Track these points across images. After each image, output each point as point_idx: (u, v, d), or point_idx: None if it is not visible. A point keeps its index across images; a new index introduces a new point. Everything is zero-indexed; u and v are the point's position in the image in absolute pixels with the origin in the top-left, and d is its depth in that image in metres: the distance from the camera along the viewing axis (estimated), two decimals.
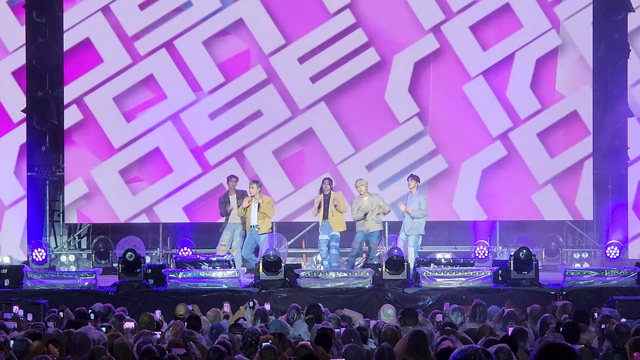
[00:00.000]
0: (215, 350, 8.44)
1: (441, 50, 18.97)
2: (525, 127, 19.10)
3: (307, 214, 18.62)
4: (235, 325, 10.86)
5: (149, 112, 19.08)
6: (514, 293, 15.19)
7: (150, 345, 8.52)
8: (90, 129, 19.05)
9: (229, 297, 15.08)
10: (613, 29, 19.21)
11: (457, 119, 19.14)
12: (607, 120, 19.36)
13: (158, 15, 19.01)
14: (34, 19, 19.12)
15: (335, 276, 15.54)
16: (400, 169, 18.90)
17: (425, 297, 15.27)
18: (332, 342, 9.21)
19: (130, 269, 15.57)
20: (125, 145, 19.06)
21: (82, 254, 19.66)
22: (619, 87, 19.45)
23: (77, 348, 8.56)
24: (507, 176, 19.11)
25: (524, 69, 19.11)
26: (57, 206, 19.83)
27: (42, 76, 19.37)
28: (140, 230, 19.08)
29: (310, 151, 19.06)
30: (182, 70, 19.04)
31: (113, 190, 19.04)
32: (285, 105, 19.04)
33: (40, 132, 19.47)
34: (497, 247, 19.33)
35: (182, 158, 19.06)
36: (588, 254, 19.34)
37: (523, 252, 15.71)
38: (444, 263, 16.13)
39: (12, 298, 14.83)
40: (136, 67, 19.05)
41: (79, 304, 14.08)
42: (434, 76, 19.03)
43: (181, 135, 19.08)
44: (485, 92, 19.10)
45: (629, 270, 15.81)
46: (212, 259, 16.50)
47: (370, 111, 19.08)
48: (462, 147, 19.11)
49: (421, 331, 8.63)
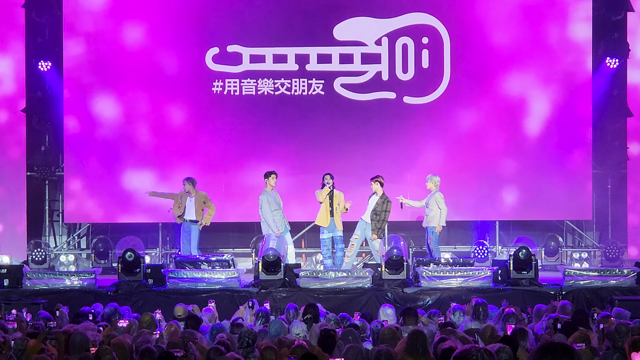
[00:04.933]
0: (216, 350, 8.44)
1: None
2: (525, 127, 19.11)
3: (307, 213, 18.64)
4: (235, 325, 10.87)
5: (149, 112, 19.07)
6: (513, 293, 15.20)
7: (149, 345, 8.52)
8: (90, 128, 19.04)
9: (228, 297, 15.10)
10: (613, 28, 19.21)
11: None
12: (607, 120, 19.37)
13: (158, 15, 19.04)
14: (34, 19, 19.13)
15: (335, 276, 15.53)
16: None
17: (425, 297, 15.27)
18: (335, 342, 9.21)
19: (130, 269, 15.57)
20: (125, 145, 19.06)
21: (82, 254, 19.66)
22: (619, 87, 19.46)
23: (75, 347, 8.56)
24: (507, 176, 19.12)
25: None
26: (57, 206, 19.84)
27: (42, 76, 19.37)
28: (140, 230, 19.11)
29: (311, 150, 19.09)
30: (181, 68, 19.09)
31: (113, 190, 19.04)
32: (288, 105, 19.07)
33: (40, 132, 19.48)
34: (497, 247, 19.33)
35: (182, 158, 19.06)
36: (588, 254, 19.34)
37: (523, 252, 15.71)
38: (443, 263, 16.12)
39: (11, 298, 14.83)
40: (136, 67, 19.05)
41: (78, 303, 14.11)
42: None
43: (181, 135, 19.08)
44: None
45: (629, 270, 15.80)
46: (211, 259, 16.50)
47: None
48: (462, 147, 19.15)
49: (420, 331, 8.64)
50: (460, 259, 16.67)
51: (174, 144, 19.07)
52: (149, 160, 19.08)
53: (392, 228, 18.98)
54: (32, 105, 19.21)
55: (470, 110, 19.00)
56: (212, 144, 19.09)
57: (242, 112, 18.88)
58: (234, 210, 18.84)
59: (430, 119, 18.78)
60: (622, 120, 19.38)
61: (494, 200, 19.15)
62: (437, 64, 18.63)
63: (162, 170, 19.08)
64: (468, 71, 18.84)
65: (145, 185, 18.86)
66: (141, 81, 19.03)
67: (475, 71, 18.87)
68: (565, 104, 19.11)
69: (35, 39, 19.16)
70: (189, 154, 19.07)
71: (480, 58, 18.86)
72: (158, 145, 19.07)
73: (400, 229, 18.57)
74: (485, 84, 18.99)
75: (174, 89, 19.06)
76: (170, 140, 19.08)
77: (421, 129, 18.82)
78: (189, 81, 19.03)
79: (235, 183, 19.00)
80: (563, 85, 19.11)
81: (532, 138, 19.11)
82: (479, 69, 18.89)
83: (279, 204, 16.75)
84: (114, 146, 19.06)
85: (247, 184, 18.66)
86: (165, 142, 19.07)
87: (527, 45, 19.02)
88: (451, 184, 18.48)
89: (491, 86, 19.01)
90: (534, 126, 19.11)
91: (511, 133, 19.12)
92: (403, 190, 17.62)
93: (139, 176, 19.05)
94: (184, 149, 19.08)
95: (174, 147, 19.07)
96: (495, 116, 19.12)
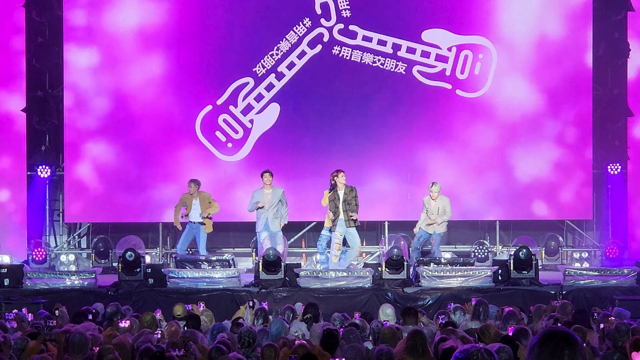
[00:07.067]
0: (217, 350, 8.44)
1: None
2: (525, 127, 19.11)
3: (307, 213, 18.65)
4: (236, 325, 10.87)
5: (149, 111, 19.08)
6: (513, 293, 15.21)
7: (149, 345, 8.52)
8: (90, 128, 19.04)
9: (228, 297, 15.11)
10: (613, 28, 19.21)
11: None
12: (607, 120, 19.37)
13: (159, 14, 19.05)
14: (34, 19, 19.13)
15: (335, 276, 15.53)
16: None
17: (425, 296, 15.27)
18: (338, 342, 9.21)
19: (130, 269, 15.58)
20: (125, 144, 19.06)
21: (82, 254, 19.66)
22: (619, 87, 19.46)
23: (75, 347, 8.55)
24: (507, 175, 19.13)
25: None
26: (57, 206, 19.84)
27: (42, 76, 19.38)
28: (140, 230, 19.11)
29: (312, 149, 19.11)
30: (182, 70, 19.09)
31: (113, 190, 19.04)
32: (290, 104, 19.10)
33: (40, 132, 19.48)
34: (497, 247, 19.33)
35: (182, 157, 19.07)
36: (588, 254, 19.34)
37: (523, 251, 15.72)
38: (443, 263, 16.12)
39: (12, 297, 14.83)
40: (136, 67, 19.06)
41: (78, 303, 14.11)
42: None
43: (181, 135, 19.08)
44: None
45: (629, 270, 15.81)
46: (211, 259, 16.50)
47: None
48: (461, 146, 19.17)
49: (420, 331, 8.64)
50: (460, 259, 16.67)
51: (174, 144, 19.07)
52: (149, 160, 19.08)
53: (392, 228, 18.99)
54: (32, 105, 19.20)
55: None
56: (213, 143, 19.12)
57: None
58: (235, 210, 18.82)
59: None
60: (622, 120, 19.38)
61: (494, 200, 19.14)
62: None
63: (162, 170, 19.08)
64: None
65: (145, 185, 18.88)
66: (141, 81, 19.03)
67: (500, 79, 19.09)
68: (565, 103, 19.12)
69: (36, 39, 19.16)
70: (189, 153, 19.06)
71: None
72: (158, 144, 19.06)
73: (401, 229, 18.57)
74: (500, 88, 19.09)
75: (173, 88, 19.07)
76: (171, 140, 19.07)
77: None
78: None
79: (240, 182, 19.02)
80: (563, 85, 19.10)
81: (532, 138, 19.10)
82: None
83: (268, 203, 16.65)
84: (114, 146, 19.05)
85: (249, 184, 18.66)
86: (165, 142, 19.06)
87: (528, 45, 19.04)
88: (451, 183, 18.49)
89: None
90: (534, 126, 19.11)
91: (512, 133, 19.12)
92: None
93: (139, 176, 19.05)
94: (184, 149, 19.08)
95: (173, 147, 19.07)
96: (495, 116, 19.14)
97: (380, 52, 19.11)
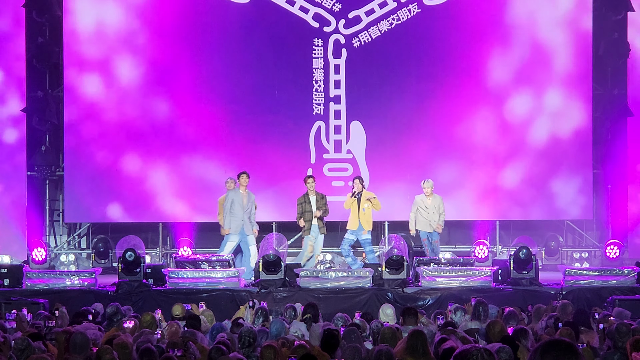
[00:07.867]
0: (217, 350, 8.43)
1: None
2: (525, 127, 19.11)
3: None
4: (236, 325, 10.87)
5: (149, 111, 19.08)
6: (513, 293, 15.20)
7: (149, 345, 8.52)
8: (90, 128, 19.04)
9: (228, 297, 15.10)
10: (613, 28, 19.21)
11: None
12: (607, 120, 19.37)
13: (158, 15, 19.05)
14: (34, 19, 19.12)
15: (335, 276, 15.53)
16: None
17: (425, 296, 15.27)
18: (338, 342, 9.20)
19: (130, 269, 15.57)
20: (125, 144, 19.06)
21: (82, 254, 19.66)
22: (619, 87, 19.46)
23: (76, 347, 8.55)
24: (507, 175, 19.12)
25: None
26: (57, 206, 19.84)
27: (42, 76, 19.38)
28: (140, 230, 19.10)
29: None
30: (183, 69, 19.09)
31: (113, 190, 19.03)
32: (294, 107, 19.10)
33: (40, 132, 19.48)
34: (497, 247, 19.33)
35: (182, 157, 19.06)
36: (588, 254, 19.34)
37: (523, 251, 15.71)
38: (443, 263, 16.12)
39: (12, 298, 14.82)
40: (135, 67, 19.06)
41: (78, 303, 14.11)
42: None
43: (181, 135, 19.08)
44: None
45: (629, 270, 15.80)
46: (211, 259, 16.50)
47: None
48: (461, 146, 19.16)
49: (420, 331, 8.64)
50: (460, 259, 16.67)
51: (175, 143, 19.06)
52: (149, 159, 19.07)
53: (392, 228, 18.98)
54: (32, 105, 19.20)
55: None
56: (212, 144, 19.10)
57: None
58: None
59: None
60: (622, 120, 19.38)
61: (494, 200, 19.14)
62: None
63: (163, 170, 19.07)
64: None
65: (145, 185, 18.88)
66: (142, 80, 19.03)
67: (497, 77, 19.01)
68: (566, 103, 19.11)
69: (36, 39, 19.15)
70: (189, 153, 19.06)
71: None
72: (159, 144, 19.06)
73: (401, 229, 18.56)
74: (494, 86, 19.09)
75: (172, 88, 19.07)
76: (171, 140, 19.07)
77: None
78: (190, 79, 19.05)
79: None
80: (563, 85, 19.10)
81: (532, 137, 19.10)
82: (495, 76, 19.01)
83: (242, 206, 16.70)
84: (114, 146, 19.04)
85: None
86: (165, 141, 19.06)
87: (528, 46, 19.03)
88: (451, 183, 18.49)
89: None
90: (534, 126, 19.10)
91: (512, 133, 19.12)
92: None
93: (140, 176, 19.05)
94: (184, 148, 19.07)
95: (174, 147, 19.06)
96: (495, 116, 19.14)
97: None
